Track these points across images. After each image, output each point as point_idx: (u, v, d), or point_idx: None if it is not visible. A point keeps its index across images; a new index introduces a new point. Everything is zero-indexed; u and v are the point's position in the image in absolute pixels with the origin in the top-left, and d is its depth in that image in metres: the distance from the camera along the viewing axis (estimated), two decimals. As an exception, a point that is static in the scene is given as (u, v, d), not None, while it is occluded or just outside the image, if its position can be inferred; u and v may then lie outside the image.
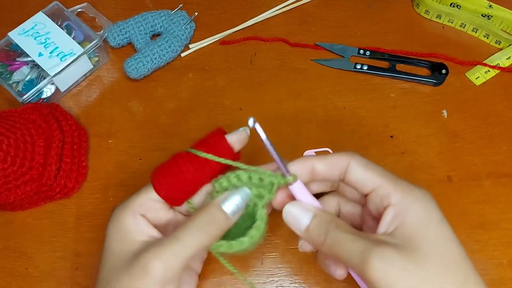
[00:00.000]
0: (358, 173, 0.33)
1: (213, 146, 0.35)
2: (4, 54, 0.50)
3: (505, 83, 0.52)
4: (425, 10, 0.56)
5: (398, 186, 0.32)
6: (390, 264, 0.28)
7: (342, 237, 0.31)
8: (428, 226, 0.30)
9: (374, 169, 0.33)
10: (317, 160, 0.34)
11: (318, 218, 0.33)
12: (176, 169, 0.35)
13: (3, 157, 0.41)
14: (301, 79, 0.53)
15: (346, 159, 0.33)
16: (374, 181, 0.32)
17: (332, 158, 0.34)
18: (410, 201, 0.31)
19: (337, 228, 0.31)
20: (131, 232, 0.34)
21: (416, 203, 0.31)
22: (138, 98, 0.52)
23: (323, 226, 0.32)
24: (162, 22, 0.54)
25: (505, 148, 0.49)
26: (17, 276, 0.43)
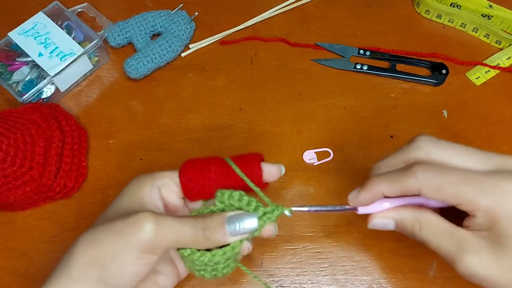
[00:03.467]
0: (433, 199, 0.33)
1: (246, 165, 0.37)
2: (4, 54, 0.50)
3: (505, 83, 0.52)
4: (426, 10, 0.56)
5: (481, 200, 0.31)
6: (482, 260, 0.31)
7: (429, 240, 0.33)
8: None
9: (449, 189, 0.32)
10: (386, 188, 0.34)
11: (400, 224, 0.35)
12: (205, 166, 0.37)
13: (3, 157, 0.41)
14: (301, 79, 0.53)
15: (415, 187, 0.32)
16: (453, 201, 0.32)
17: (401, 185, 0.33)
18: (497, 212, 0.31)
19: (421, 231, 0.33)
20: (143, 197, 0.36)
21: (503, 203, 0.30)
22: (138, 98, 0.52)
23: (408, 230, 0.34)
24: (162, 22, 0.53)
25: (505, 148, 0.49)
26: (17, 276, 0.43)
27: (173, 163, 0.39)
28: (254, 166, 0.37)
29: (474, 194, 0.31)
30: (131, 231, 0.32)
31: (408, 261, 0.43)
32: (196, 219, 0.34)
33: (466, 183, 0.31)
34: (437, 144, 0.34)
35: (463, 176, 0.32)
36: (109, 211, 0.36)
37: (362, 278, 0.43)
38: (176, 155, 0.48)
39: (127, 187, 0.37)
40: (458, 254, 0.31)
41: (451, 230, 0.32)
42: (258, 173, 0.37)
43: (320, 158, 0.48)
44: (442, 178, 0.32)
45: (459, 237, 0.32)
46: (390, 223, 0.35)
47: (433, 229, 0.33)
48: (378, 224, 0.35)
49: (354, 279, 0.43)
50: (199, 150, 0.49)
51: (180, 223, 0.33)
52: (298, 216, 0.45)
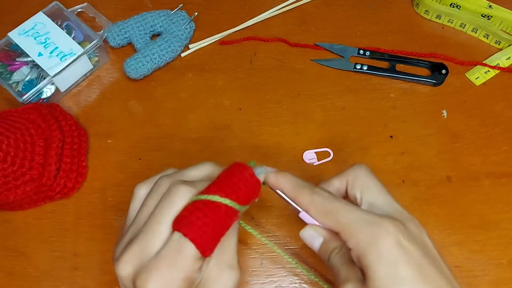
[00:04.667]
0: (320, 220, 0.34)
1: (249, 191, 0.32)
2: (4, 54, 0.50)
3: (505, 83, 0.52)
4: (425, 10, 0.56)
5: (354, 230, 0.31)
6: None
7: (335, 268, 0.33)
8: (381, 267, 0.30)
9: (332, 214, 0.33)
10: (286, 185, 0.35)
11: (325, 244, 0.34)
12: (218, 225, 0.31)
13: (3, 157, 0.41)
14: (301, 79, 0.53)
15: (307, 201, 0.34)
16: (334, 228, 0.33)
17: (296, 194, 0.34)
18: (365, 244, 0.31)
19: (335, 256, 0.34)
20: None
21: (372, 244, 0.30)
22: (137, 98, 0.52)
23: (326, 253, 0.34)
24: (162, 22, 0.54)
25: (505, 148, 0.49)
26: (16, 275, 0.43)
27: (173, 163, 0.39)
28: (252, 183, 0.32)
29: (351, 223, 0.31)
30: None
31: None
32: None
33: (349, 213, 0.32)
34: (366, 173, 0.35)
35: (350, 207, 0.32)
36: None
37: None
38: (176, 155, 0.48)
39: None
40: (344, 282, 0.32)
41: (351, 265, 0.32)
42: (257, 187, 0.33)
43: (320, 158, 0.48)
44: (332, 203, 0.33)
45: (351, 269, 0.32)
46: (318, 239, 0.34)
47: (342, 260, 0.33)
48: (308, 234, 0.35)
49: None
50: (198, 150, 0.49)
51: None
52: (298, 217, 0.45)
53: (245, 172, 0.32)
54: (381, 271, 0.29)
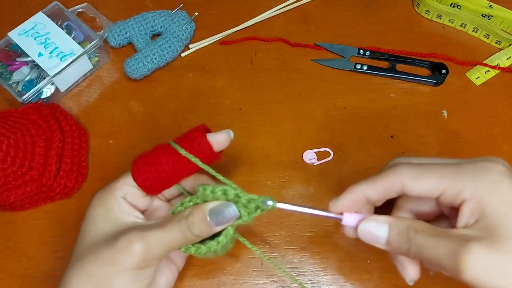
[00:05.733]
0: (415, 188, 0.31)
1: (193, 143, 0.35)
2: (4, 54, 0.50)
3: (505, 83, 0.52)
4: (426, 10, 0.56)
5: (465, 180, 0.29)
6: (481, 263, 0.27)
7: (425, 243, 0.29)
8: (508, 213, 0.28)
9: (430, 175, 0.31)
10: (367, 189, 0.33)
11: (395, 227, 0.31)
12: (155, 160, 0.36)
13: (3, 157, 0.41)
14: (301, 79, 0.53)
15: (396, 180, 0.31)
16: (436, 188, 0.30)
17: (383, 183, 0.32)
18: (482, 192, 0.29)
19: (417, 233, 0.30)
20: (116, 213, 0.35)
21: (490, 191, 0.29)
22: (138, 98, 0.52)
23: (402, 234, 0.31)
24: (162, 22, 0.53)
25: (506, 147, 0.49)
26: (17, 276, 0.43)
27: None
28: (201, 142, 0.35)
29: (455, 178, 0.29)
30: (122, 257, 0.32)
31: (408, 261, 0.43)
32: (179, 221, 0.33)
33: (446, 170, 0.30)
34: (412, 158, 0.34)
35: (441, 166, 0.31)
36: (86, 239, 0.35)
37: (362, 278, 0.43)
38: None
39: (93, 210, 0.36)
40: (458, 248, 0.28)
41: (446, 231, 0.30)
42: (207, 147, 0.35)
43: (320, 158, 0.48)
44: (420, 168, 0.31)
45: (456, 234, 0.29)
46: (383, 228, 0.32)
47: (430, 231, 0.30)
48: (369, 228, 0.32)
49: (354, 279, 0.43)
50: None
51: (165, 231, 0.33)
52: (298, 216, 0.45)
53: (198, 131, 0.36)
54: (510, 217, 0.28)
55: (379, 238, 0.32)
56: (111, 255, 0.32)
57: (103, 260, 0.33)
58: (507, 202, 0.28)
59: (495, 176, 0.29)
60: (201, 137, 0.35)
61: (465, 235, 0.29)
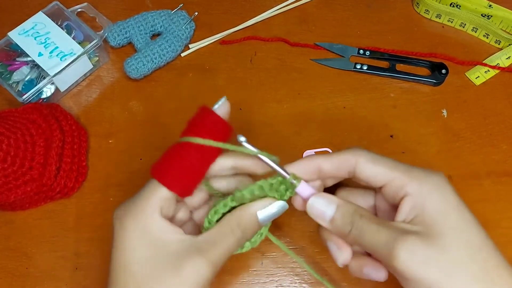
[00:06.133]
0: (367, 169, 0.33)
1: (208, 125, 0.34)
2: (4, 54, 0.50)
3: (505, 82, 0.52)
4: (425, 10, 0.56)
5: (413, 175, 0.32)
6: (415, 253, 0.29)
7: (367, 228, 0.31)
8: (448, 212, 0.30)
9: (384, 163, 0.33)
10: (322, 160, 0.34)
11: (342, 208, 0.33)
12: (182, 161, 0.33)
13: (3, 157, 0.41)
14: (301, 79, 0.53)
15: (353, 157, 0.33)
16: (386, 175, 0.32)
17: (339, 157, 0.34)
18: (427, 189, 0.31)
19: (362, 218, 0.32)
20: (158, 234, 0.32)
21: (434, 190, 0.31)
22: (138, 98, 0.52)
23: (347, 216, 0.32)
24: (162, 22, 0.54)
25: (505, 147, 0.49)
26: (17, 276, 0.43)
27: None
28: (216, 122, 0.34)
29: (405, 170, 0.32)
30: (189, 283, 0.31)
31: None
32: (234, 232, 0.33)
33: (399, 164, 0.33)
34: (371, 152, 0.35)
35: (396, 161, 0.33)
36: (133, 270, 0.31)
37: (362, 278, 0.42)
38: (176, 155, 0.48)
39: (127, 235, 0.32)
40: (396, 239, 0.29)
41: (387, 222, 0.31)
42: (221, 122, 0.35)
43: (320, 158, 0.48)
44: (379, 156, 0.33)
45: (396, 226, 0.31)
46: (331, 208, 0.33)
47: (373, 220, 0.31)
48: (318, 205, 0.33)
49: (354, 279, 0.43)
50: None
51: (224, 246, 0.32)
52: (298, 216, 0.45)
53: (204, 111, 0.35)
54: (449, 216, 0.30)
55: (325, 216, 0.33)
56: (177, 283, 0.30)
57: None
58: (447, 203, 0.31)
59: (440, 181, 0.32)
60: (214, 117, 0.35)
61: (404, 227, 0.31)
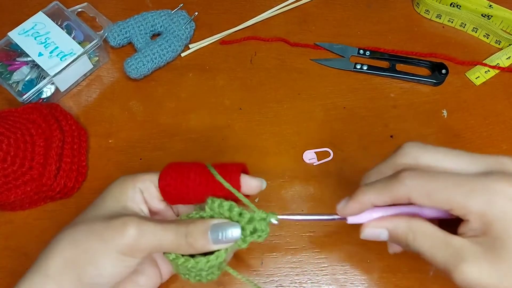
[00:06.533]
0: (424, 203, 0.31)
1: (225, 175, 0.35)
2: (4, 54, 0.50)
3: (505, 83, 0.52)
4: (425, 10, 0.56)
5: (473, 204, 0.29)
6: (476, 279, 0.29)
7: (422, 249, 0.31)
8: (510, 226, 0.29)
9: (439, 195, 0.30)
10: (375, 199, 0.33)
11: (393, 232, 0.33)
12: (185, 173, 0.36)
13: (3, 157, 0.41)
14: (301, 79, 0.53)
15: (404, 195, 0.31)
16: (444, 207, 0.31)
17: (389, 194, 0.32)
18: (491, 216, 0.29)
19: (415, 240, 0.32)
20: (127, 199, 0.36)
21: (495, 204, 0.29)
22: (138, 98, 0.52)
23: (401, 239, 0.32)
24: (162, 22, 0.54)
25: (505, 147, 0.49)
26: (17, 276, 0.43)
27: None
28: (233, 176, 0.35)
29: (464, 197, 0.30)
30: (112, 235, 0.32)
31: (408, 261, 0.43)
32: (179, 225, 0.33)
33: (456, 187, 0.30)
34: (424, 148, 0.33)
35: (452, 180, 0.30)
36: (92, 210, 0.36)
37: (362, 278, 0.43)
38: (176, 155, 0.48)
39: (111, 188, 0.37)
40: (454, 263, 0.29)
41: (446, 238, 0.31)
42: (236, 184, 0.35)
43: (320, 158, 0.48)
44: (431, 183, 0.30)
45: (455, 246, 0.30)
46: (383, 233, 0.33)
47: (427, 238, 0.31)
48: (371, 234, 0.34)
49: (354, 279, 0.43)
50: (199, 150, 0.49)
51: (162, 228, 0.33)
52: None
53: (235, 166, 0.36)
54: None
55: (382, 239, 0.34)
56: (103, 230, 0.33)
57: (94, 233, 0.33)
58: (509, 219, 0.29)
59: (505, 203, 0.29)
60: (236, 173, 0.35)
61: (461, 249, 0.30)
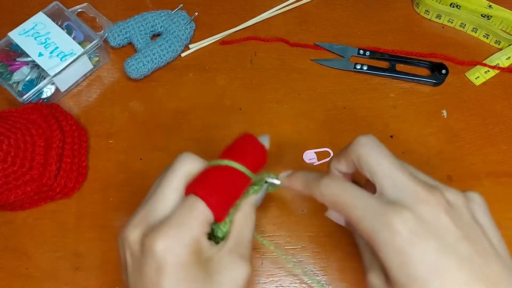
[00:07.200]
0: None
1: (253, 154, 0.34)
2: (4, 54, 0.50)
3: (504, 83, 0.52)
4: (425, 10, 0.56)
5: (364, 226, 0.29)
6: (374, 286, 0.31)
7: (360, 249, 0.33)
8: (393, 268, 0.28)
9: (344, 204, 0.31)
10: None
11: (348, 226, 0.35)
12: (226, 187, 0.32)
13: (3, 157, 0.41)
14: (301, 79, 0.53)
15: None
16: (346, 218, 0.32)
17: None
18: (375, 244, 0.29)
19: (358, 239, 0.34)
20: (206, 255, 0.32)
21: (381, 245, 0.28)
22: (138, 98, 0.52)
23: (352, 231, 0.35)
24: (162, 22, 0.54)
25: (505, 147, 0.49)
26: (17, 276, 0.43)
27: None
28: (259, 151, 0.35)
29: (361, 218, 0.29)
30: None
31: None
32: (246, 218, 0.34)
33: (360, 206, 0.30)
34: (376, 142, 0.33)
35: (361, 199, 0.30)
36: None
37: (362, 278, 0.42)
38: (176, 155, 0.48)
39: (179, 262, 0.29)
40: (370, 267, 0.31)
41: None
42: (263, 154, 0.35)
43: (320, 158, 0.48)
44: (340, 196, 0.31)
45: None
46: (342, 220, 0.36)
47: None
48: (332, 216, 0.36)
49: (354, 279, 0.43)
50: (199, 150, 0.48)
51: (247, 235, 0.33)
52: (298, 217, 0.45)
53: (251, 140, 0.35)
54: (396, 271, 0.27)
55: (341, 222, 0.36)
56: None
57: None
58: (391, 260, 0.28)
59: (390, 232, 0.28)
60: (257, 144, 0.35)
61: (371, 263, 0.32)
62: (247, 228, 0.34)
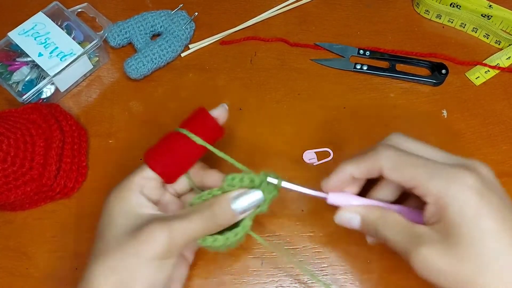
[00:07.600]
0: (392, 177, 0.33)
1: (201, 124, 0.38)
2: (4, 54, 0.50)
3: (505, 83, 0.52)
4: (425, 10, 0.56)
5: (433, 185, 0.31)
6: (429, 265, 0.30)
7: (388, 237, 0.33)
8: (464, 222, 0.30)
9: (406, 171, 0.33)
10: (353, 168, 0.35)
11: (365, 219, 0.35)
12: (169, 148, 0.38)
13: (3, 157, 0.41)
14: (301, 79, 0.53)
15: (377, 163, 0.34)
16: (408, 183, 0.33)
17: (365, 163, 0.35)
18: (446, 201, 0.31)
19: (384, 227, 0.34)
20: (135, 207, 0.36)
21: (453, 201, 0.31)
22: (138, 98, 0.52)
23: (371, 226, 0.35)
24: (162, 22, 0.54)
25: (505, 147, 0.49)
26: (17, 276, 0.43)
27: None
28: (207, 120, 0.38)
29: (427, 177, 0.32)
30: (146, 248, 0.33)
31: (408, 261, 0.43)
32: (202, 210, 0.34)
33: (423, 167, 0.32)
34: (407, 138, 0.36)
35: (422, 161, 0.33)
36: (105, 235, 0.35)
37: (362, 278, 0.43)
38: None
39: (110, 207, 0.36)
40: (412, 247, 0.31)
41: (409, 226, 0.33)
42: (212, 123, 0.38)
43: (320, 158, 0.48)
44: (401, 158, 0.33)
45: (416, 232, 0.32)
46: (355, 218, 0.36)
47: (394, 225, 0.33)
48: (344, 218, 0.36)
49: (354, 279, 0.43)
50: (199, 150, 0.49)
51: (188, 221, 0.34)
52: (298, 217, 0.45)
53: (201, 111, 0.39)
54: (463, 227, 0.30)
55: (353, 226, 0.36)
56: (135, 247, 0.33)
57: (127, 252, 0.33)
58: (462, 214, 0.30)
59: (462, 190, 0.31)
60: (206, 115, 0.38)
61: (421, 236, 0.32)
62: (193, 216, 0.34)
